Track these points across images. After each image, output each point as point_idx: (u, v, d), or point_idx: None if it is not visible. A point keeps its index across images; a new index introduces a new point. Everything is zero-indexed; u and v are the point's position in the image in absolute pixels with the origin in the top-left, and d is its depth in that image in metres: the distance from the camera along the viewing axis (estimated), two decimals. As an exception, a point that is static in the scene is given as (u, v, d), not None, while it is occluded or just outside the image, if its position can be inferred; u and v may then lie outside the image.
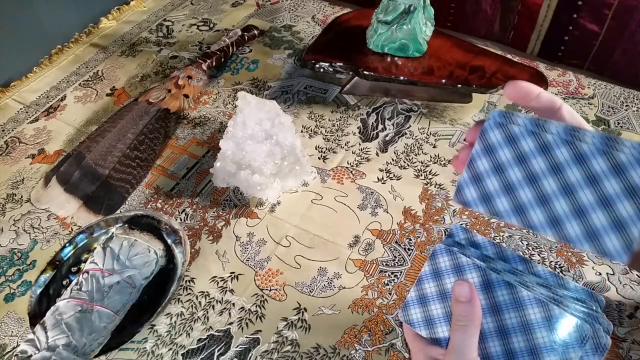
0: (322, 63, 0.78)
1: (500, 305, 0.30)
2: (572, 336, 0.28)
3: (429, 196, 0.70)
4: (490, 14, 0.96)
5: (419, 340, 0.34)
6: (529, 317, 0.29)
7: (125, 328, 0.57)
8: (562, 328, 0.29)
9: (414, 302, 0.33)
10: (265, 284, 0.63)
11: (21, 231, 0.72)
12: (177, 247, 0.64)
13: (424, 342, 0.33)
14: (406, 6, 0.72)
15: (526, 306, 0.30)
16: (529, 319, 0.29)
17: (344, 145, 0.78)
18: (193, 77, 0.88)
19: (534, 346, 0.29)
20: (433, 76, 0.74)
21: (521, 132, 0.30)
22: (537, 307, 0.29)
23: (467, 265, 0.32)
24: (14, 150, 0.84)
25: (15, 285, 0.66)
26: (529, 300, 0.30)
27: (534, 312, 0.29)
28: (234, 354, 0.57)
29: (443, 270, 0.33)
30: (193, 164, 0.78)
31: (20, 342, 0.55)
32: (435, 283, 0.33)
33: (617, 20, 0.83)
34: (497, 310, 0.30)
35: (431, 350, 0.33)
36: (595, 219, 0.27)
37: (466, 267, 0.32)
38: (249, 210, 0.71)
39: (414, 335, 0.34)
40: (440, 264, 0.33)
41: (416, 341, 0.34)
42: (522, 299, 0.30)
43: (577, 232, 0.28)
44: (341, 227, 0.68)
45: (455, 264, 0.32)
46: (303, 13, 1.06)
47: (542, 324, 0.29)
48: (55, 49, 1.02)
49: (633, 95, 0.81)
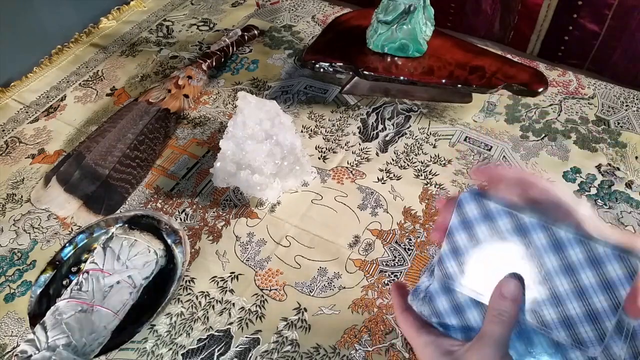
0: (322, 63, 0.78)
1: (539, 249, 0.29)
2: (618, 273, 0.27)
3: (429, 196, 0.70)
4: (490, 14, 0.96)
5: (425, 331, 0.32)
6: (571, 258, 0.28)
7: (125, 328, 0.57)
8: (607, 266, 0.27)
9: (448, 255, 0.32)
10: (265, 284, 0.63)
11: (21, 231, 0.72)
12: (177, 247, 0.64)
13: (433, 334, 0.32)
14: (406, 6, 0.72)
15: (566, 247, 0.28)
16: (570, 260, 0.28)
17: (344, 145, 0.78)
18: (193, 77, 0.88)
19: (579, 287, 0.28)
20: (433, 76, 0.74)
21: (497, 210, 0.30)
22: (578, 247, 0.28)
23: (497, 211, 0.30)
24: (14, 150, 0.84)
25: (15, 285, 0.66)
26: (568, 240, 0.28)
27: (575, 253, 0.28)
28: (234, 354, 0.57)
29: (472, 219, 0.31)
30: (193, 164, 0.78)
31: (20, 342, 0.55)
32: (467, 233, 0.31)
33: (617, 20, 0.83)
34: (536, 254, 0.29)
35: (443, 341, 0.31)
36: (571, 308, 0.28)
37: (495, 213, 0.30)
38: (249, 210, 0.71)
39: (417, 328, 0.33)
40: (469, 213, 0.31)
41: (421, 334, 0.32)
42: (561, 240, 0.28)
43: (553, 319, 0.29)
44: (341, 227, 0.68)
45: (484, 211, 0.31)
46: (303, 13, 1.06)
47: (585, 264, 0.28)
48: (55, 49, 1.02)
49: (633, 95, 0.81)
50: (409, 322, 0.33)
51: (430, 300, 0.33)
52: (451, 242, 0.32)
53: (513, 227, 0.30)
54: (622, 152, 0.73)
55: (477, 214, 0.31)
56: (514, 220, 0.30)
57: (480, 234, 0.31)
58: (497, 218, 0.30)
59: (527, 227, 0.29)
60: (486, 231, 0.31)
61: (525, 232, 0.29)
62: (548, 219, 0.29)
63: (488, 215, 0.30)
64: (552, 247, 0.29)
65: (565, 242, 0.28)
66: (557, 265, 0.28)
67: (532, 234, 0.29)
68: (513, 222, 0.30)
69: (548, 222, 0.29)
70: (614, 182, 0.70)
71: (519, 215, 0.29)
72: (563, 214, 0.29)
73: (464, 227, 0.31)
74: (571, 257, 0.28)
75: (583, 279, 0.28)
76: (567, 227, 0.28)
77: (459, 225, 0.31)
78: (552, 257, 0.28)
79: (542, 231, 0.29)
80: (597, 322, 0.27)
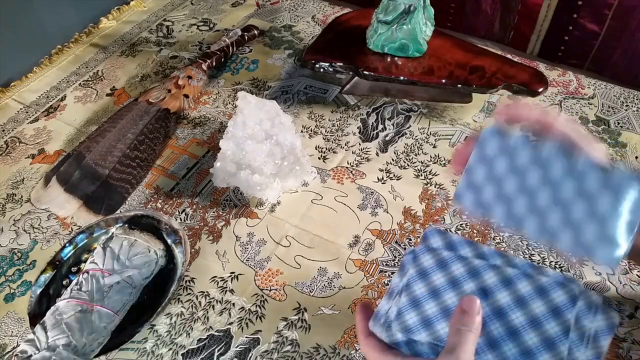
0: (322, 63, 0.78)
1: (491, 287, 0.31)
2: (562, 298, 0.30)
3: (429, 196, 0.70)
4: (490, 14, 0.96)
5: (390, 354, 0.32)
6: (520, 292, 0.31)
7: (125, 328, 0.57)
8: (552, 294, 0.30)
9: (407, 308, 0.33)
10: (265, 284, 0.63)
11: (21, 231, 0.72)
12: (177, 247, 0.64)
13: (399, 356, 0.31)
14: (406, 6, 0.72)
15: (514, 282, 0.31)
16: (520, 293, 0.31)
17: (344, 145, 0.78)
18: (193, 77, 0.88)
19: (532, 317, 0.30)
20: (433, 76, 0.74)
21: (515, 145, 0.32)
22: (525, 281, 0.31)
23: (450, 258, 0.33)
24: (14, 150, 0.84)
25: (15, 285, 0.66)
26: (516, 276, 0.31)
27: (523, 286, 0.31)
28: (234, 354, 0.57)
29: (428, 268, 0.33)
30: (193, 164, 0.78)
31: (20, 342, 0.55)
32: (425, 283, 0.33)
33: (617, 20, 0.83)
34: (488, 292, 0.31)
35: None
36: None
37: (449, 260, 0.33)
38: (249, 210, 0.71)
39: (381, 351, 0.32)
40: (424, 263, 0.33)
41: (386, 356, 0.32)
42: (510, 277, 0.31)
43: (568, 242, 0.30)
44: (341, 227, 0.68)
45: (438, 260, 0.33)
46: (303, 13, 1.06)
47: (534, 295, 0.30)
48: (55, 49, 1.02)
49: (633, 95, 0.81)
50: (372, 346, 0.33)
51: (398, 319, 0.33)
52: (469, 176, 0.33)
53: (466, 270, 0.32)
54: (622, 152, 0.73)
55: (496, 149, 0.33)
56: (467, 264, 0.32)
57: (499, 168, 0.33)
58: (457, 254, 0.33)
59: (477, 270, 0.32)
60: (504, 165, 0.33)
61: (476, 274, 0.32)
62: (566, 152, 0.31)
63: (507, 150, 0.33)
64: (503, 284, 0.31)
65: (513, 278, 0.31)
66: (510, 300, 0.31)
67: (483, 275, 0.32)
68: (466, 266, 0.32)
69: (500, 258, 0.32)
70: (614, 182, 0.70)
71: (470, 259, 0.32)
72: (576, 151, 0.31)
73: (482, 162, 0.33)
74: (520, 290, 0.31)
75: (534, 309, 0.30)
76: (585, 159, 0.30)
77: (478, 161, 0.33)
78: (504, 293, 0.31)
79: (492, 270, 0.32)
80: (553, 347, 0.29)
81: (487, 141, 0.33)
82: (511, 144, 0.32)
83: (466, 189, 0.33)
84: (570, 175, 0.30)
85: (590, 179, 0.30)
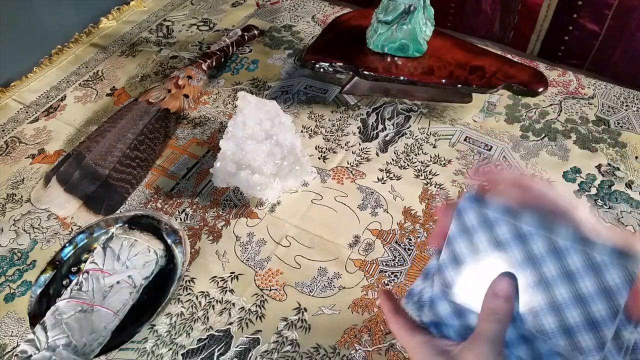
0: (322, 63, 0.78)
1: (537, 258, 0.29)
2: (617, 281, 0.27)
3: (429, 196, 0.70)
4: (490, 14, 0.96)
5: (419, 332, 0.32)
6: (569, 267, 0.28)
7: (125, 328, 0.57)
8: (605, 274, 0.27)
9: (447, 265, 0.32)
10: (265, 284, 0.63)
11: (21, 231, 0.72)
12: (177, 247, 0.64)
13: (427, 334, 0.32)
14: (406, 6, 0.72)
15: (564, 256, 0.29)
16: (569, 268, 0.28)
17: (344, 145, 0.78)
18: (193, 77, 0.88)
19: (578, 295, 0.28)
20: (433, 76, 0.74)
21: (495, 218, 0.30)
22: (576, 256, 0.28)
23: (495, 220, 0.31)
24: (14, 150, 0.84)
25: (15, 285, 0.66)
26: (567, 249, 0.29)
27: (573, 262, 0.28)
28: (234, 354, 0.57)
29: (470, 226, 0.31)
30: (193, 164, 0.78)
31: (20, 342, 0.55)
32: (466, 241, 0.31)
33: (617, 20, 0.83)
34: (534, 263, 0.29)
35: (437, 341, 0.31)
36: (570, 316, 0.28)
37: (494, 222, 0.31)
38: (249, 210, 0.71)
39: (410, 329, 0.32)
40: (467, 221, 0.32)
41: (415, 334, 0.32)
42: (560, 249, 0.29)
43: (552, 327, 0.29)
44: (341, 227, 0.68)
45: (483, 219, 0.31)
46: (303, 13, 1.06)
47: (583, 272, 0.28)
48: (55, 49, 1.02)
49: (633, 95, 0.81)
50: (401, 324, 0.33)
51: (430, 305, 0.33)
52: (450, 250, 0.32)
53: (511, 235, 0.30)
54: (622, 152, 0.73)
55: (476, 221, 0.31)
56: (512, 229, 0.30)
57: (479, 242, 0.31)
58: (495, 226, 0.30)
59: (525, 236, 0.29)
60: (485, 240, 0.31)
61: (523, 241, 0.29)
62: (546, 223, 0.29)
63: (487, 223, 0.30)
64: (550, 256, 0.29)
65: (564, 250, 0.28)
66: (556, 274, 0.28)
67: (531, 242, 0.29)
68: (511, 231, 0.30)
69: (546, 230, 0.29)
70: (614, 182, 0.70)
71: (517, 224, 0.30)
72: (561, 216, 0.29)
73: (463, 234, 0.31)
74: (570, 265, 0.28)
75: (582, 287, 0.28)
76: (566, 229, 0.28)
77: (458, 233, 0.31)
78: (550, 265, 0.29)
79: (541, 240, 0.29)
80: (596, 330, 0.27)
81: (465, 211, 0.31)
82: (489, 215, 0.30)
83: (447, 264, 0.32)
84: (553, 253, 0.29)
85: (571, 261, 0.28)
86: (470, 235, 0.31)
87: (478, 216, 0.31)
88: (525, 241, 0.29)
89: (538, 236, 0.29)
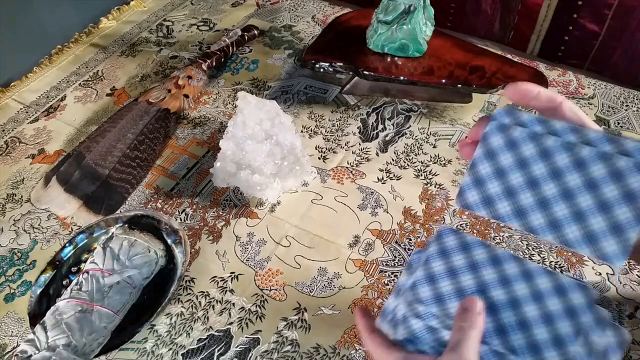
0: (322, 63, 0.78)
1: (510, 278, 0.31)
2: (580, 300, 0.29)
3: (429, 196, 0.70)
4: (490, 14, 0.96)
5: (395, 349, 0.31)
6: (539, 287, 0.30)
7: (125, 328, 0.57)
8: (571, 294, 0.29)
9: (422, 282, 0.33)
10: (265, 284, 0.63)
11: (21, 231, 0.72)
12: (177, 247, 0.64)
13: (404, 351, 0.31)
14: (406, 6, 0.72)
15: (534, 276, 0.31)
16: (538, 289, 0.30)
17: (344, 145, 0.78)
18: (193, 77, 0.88)
19: (546, 314, 0.29)
20: (433, 76, 0.74)
21: (522, 137, 0.31)
22: (545, 277, 0.30)
23: (473, 243, 0.33)
24: (14, 150, 0.84)
25: (15, 285, 0.66)
26: (537, 270, 0.31)
27: (542, 282, 0.30)
28: (234, 354, 0.57)
29: (449, 249, 0.33)
30: (193, 164, 0.78)
31: (20, 342, 0.55)
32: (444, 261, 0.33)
33: (617, 20, 0.83)
34: (507, 282, 0.31)
35: (415, 357, 0.31)
36: (594, 223, 0.29)
37: (471, 245, 0.33)
38: (249, 210, 0.71)
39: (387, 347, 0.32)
40: (447, 244, 0.33)
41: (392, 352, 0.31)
42: (530, 270, 0.31)
43: (576, 236, 0.29)
44: (341, 227, 0.68)
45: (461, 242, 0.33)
46: (303, 13, 1.06)
47: (551, 292, 0.30)
48: (55, 49, 1.02)
49: (633, 95, 0.81)
50: (378, 342, 0.33)
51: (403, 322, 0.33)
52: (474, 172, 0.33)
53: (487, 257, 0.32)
54: (622, 152, 0.73)
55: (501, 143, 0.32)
56: (488, 251, 0.32)
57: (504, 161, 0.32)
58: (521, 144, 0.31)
59: (550, 150, 0.30)
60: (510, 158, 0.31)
61: (548, 155, 0.30)
62: (576, 128, 0.30)
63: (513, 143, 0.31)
64: (521, 277, 0.31)
65: (588, 159, 0.29)
66: (581, 183, 0.29)
67: (555, 155, 0.30)
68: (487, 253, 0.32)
69: (576, 133, 0.30)
70: (614, 182, 0.70)
71: (492, 247, 0.32)
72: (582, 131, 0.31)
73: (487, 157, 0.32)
74: (539, 285, 0.30)
75: (549, 306, 0.30)
76: (595, 132, 0.29)
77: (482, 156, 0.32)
78: (575, 175, 0.30)
79: (565, 152, 0.30)
80: (562, 347, 0.29)
81: (493, 134, 0.32)
82: (517, 134, 0.31)
83: (470, 186, 0.33)
84: (576, 165, 0.29)
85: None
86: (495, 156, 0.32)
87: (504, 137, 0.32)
88: (549, 155, 0.30)
89: (563, 148, 0.30)
